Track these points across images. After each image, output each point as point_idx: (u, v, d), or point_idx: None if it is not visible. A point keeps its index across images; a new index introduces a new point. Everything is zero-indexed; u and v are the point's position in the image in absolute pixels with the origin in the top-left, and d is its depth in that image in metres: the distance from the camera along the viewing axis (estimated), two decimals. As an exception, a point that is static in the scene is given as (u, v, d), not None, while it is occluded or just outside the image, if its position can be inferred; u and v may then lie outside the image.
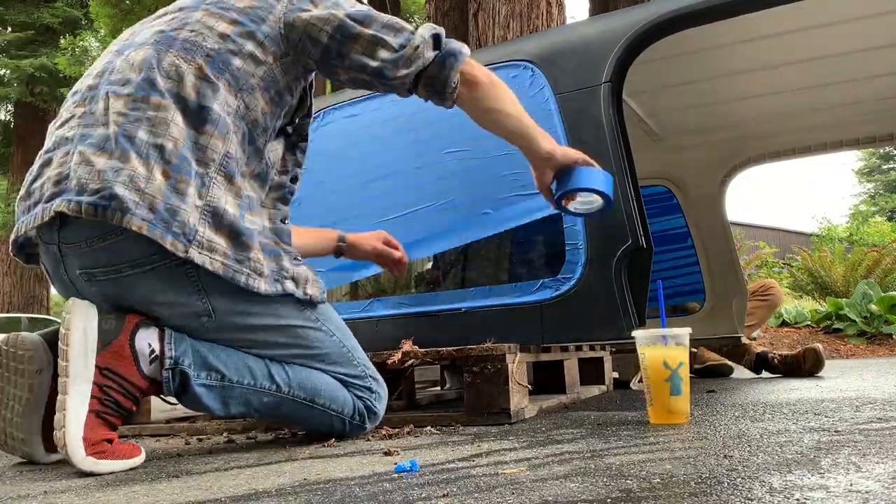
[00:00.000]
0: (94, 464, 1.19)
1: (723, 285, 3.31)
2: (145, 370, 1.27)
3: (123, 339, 1.26)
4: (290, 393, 1.40)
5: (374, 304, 2.10)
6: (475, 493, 0.85)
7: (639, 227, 1.77)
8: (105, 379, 1.23)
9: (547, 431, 1.44)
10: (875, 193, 27.27)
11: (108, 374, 1.24)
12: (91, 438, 1.19)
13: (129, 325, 1.28)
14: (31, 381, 1.29)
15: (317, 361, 1.43)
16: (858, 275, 7.86)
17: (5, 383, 1.32)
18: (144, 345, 1.27)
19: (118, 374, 1.25)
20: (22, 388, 1.30)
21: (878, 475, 0.83)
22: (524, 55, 2.05)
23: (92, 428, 1.20)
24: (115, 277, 1.27)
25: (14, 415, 1.31)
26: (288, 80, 1.44)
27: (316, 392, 1.41)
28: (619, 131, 1.84)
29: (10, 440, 1.34)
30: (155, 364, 1.29)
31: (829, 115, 2.97)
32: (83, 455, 1.18)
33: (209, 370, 1.32)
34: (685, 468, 0.94)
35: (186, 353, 1.30)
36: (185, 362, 1.30)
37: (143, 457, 1.29)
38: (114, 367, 1.24)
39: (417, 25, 1.49)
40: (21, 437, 1.32)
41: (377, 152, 2.23)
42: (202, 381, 1.32)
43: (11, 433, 1.33)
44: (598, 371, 2.55)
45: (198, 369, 1.31)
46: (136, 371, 1.26)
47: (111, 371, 1.24)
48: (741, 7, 1.84)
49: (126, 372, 1.25)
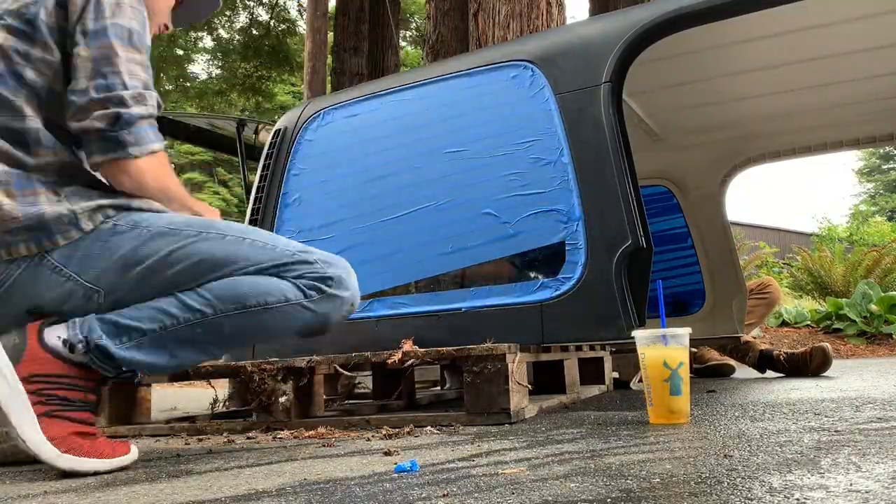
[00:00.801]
0: (74, 461, 1.18)
1: (723, 285, 3.31)
2: (74, 359, 1.25)
3: (32, 343, 1.24)
4: (217, 311, 1.31)
5: (374, 303, 2.10)
6: (475, 493, 0.85)
7: (639, 227, 1.77)
8: (34, 384, 1.21)
9: (547, 431, 1.44)
10: (875, 193, 27.27)
11: (35, 379, 1.21)
12: (56, 436, 1.18)
13: (33, 329, 1.26)
14: None
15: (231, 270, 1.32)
16: (858, 275, 7.86)
17: None
18: (54, 338, 1.25)
19: (44, 375, 1.22)
20: None
21: (878, 475, 0.83)
22: (524, 55, 2.05)
23: (50, 427, 1.19)
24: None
25: None
26: None
27: (242, 296, 1.31)
28: (619, 131, 1.84)
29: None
30: (76, 350, 1.26)
31: (829, 115, 2.97)
32: (57, 452, 1.17)
33: (126, 332, 1.27)
34: (685, 468, 0.94)
35: (93, 328, 1.26)
36: (96, 336, 1.26)
37: (132, 455, 1.27)
38: (36, 370, 1.22)
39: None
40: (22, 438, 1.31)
41: (377, 152, 2.23)
42: (125, 345, 1.27)
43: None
44: (598, 371, 2.55)
45: (113, 337, 1.27)
46: (60, 364, 1.24)
47: (35, 375, 1.22)
48: (741, 7, 1.84)
49: (51, 369, 1.23)
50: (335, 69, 8.50)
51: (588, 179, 1.85)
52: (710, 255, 3.37)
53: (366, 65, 8.48)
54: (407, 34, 16.56)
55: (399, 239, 2.10)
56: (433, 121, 2.16)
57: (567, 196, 1.87)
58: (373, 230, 2.15)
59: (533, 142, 1.96)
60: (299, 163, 2.34)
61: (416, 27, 16.13)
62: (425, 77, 2.25)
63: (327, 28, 8.16)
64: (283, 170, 2.36)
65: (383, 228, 2.14)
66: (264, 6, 12.20)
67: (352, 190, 2.24)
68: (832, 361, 2.94)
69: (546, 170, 1.92)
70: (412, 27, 16.33)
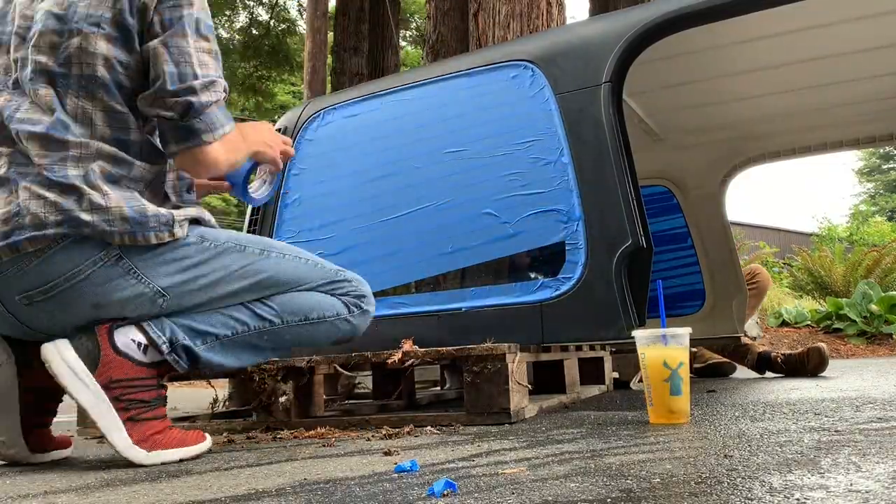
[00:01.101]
0: (161, 454, 1.28)
1: (723, 285, 3.31)
2: (145, 361, 1.31)
3: (106, 349, 1.28)
4: (284, 322, 1.44)
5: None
6: (475, 493, 0.85)
7: (639, 227, 1.77)
8: (114, 390, 1.27)
9: (547, 431, 1.44)
10: (875, 193, 27.27)
11: (114, 385, 1.27)
12: (141, 438, 1.27)
13: (104, 334, 1.30)
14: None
15: (291, 286, 1.46)
16: (858, 275, 7.86)
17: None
18: (128, 342, 1.30)
19: (121, 380, 1.28)
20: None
21: (878, 475, 0.83)
22: (524, 55, 2.05)
23: (134, 430, 1.27)
24: (54, 294, 1.28)
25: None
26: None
27: (305, 309, 1.46)
28: (619, 131, 1.84)
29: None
30: (149, 351, 1.32)
31: (829, 115, 2.97)
32: (144, 453, 1.27)
33: (203, 335, 1.36)
34: (685, 468, 0.95)
35: (175, 330, 1.34)
36: (180, 338, 1.33)
37: (209, 442, 1.39)
38: (113, 376, 1.28)
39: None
40: (2, 440, 1.33)
41: (377, 152, 2.23)
42: (203, 346, 1.36)
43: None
44: (598, 371, 2.55)
45: (193, 338, 1.35)
46: (136, 367, 1.30)
47: (114, 381, 1.27)
48: (741, 7, 1.84)
49: (127, 373, 1.28)
50: (335, 69, 8.50)
51: (588, 179, 1.85)
52: (710, 255, 3.37)
53: (366, 65, 8.47)
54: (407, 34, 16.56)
55: (399, 239, 2.11)
56: (433, 121, 2.16)
57: (567, 196, 1.87)
58: (373, 230, 2.15)
59: (533, 142, 1.96)
60: (299, 163, 2.34)
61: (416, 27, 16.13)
62: (425, 77, 2.25)
63: (327, 28, 8.16)
64: (283, 170, 2.35)
65: (383, 228, 2.14)
66: (264, 6, 12.19)
67: (352, 190, 2.24)
68: (828, 362, 2.96)
69: (546, 170, 1.92)
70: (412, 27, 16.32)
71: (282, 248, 1.49)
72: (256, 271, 1.42)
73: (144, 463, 1.26)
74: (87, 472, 1.24)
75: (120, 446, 1.25)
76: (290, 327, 1.46)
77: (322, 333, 1.51)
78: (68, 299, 1.29)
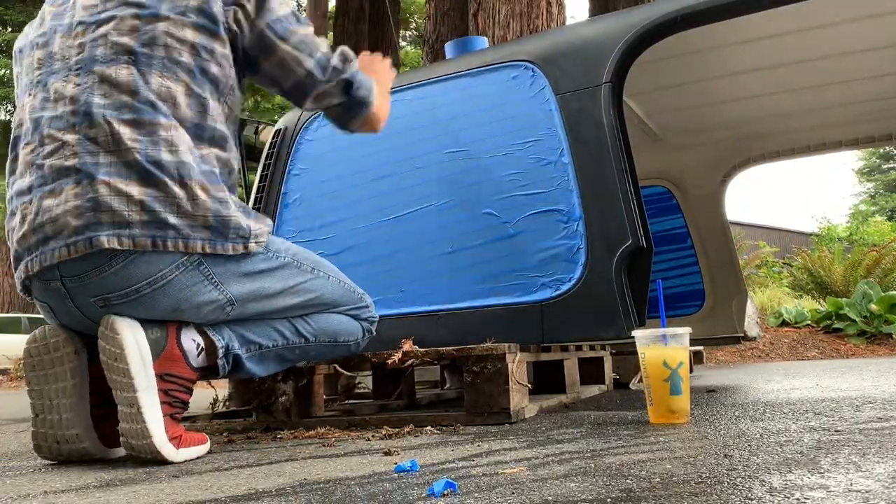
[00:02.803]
0: (186, 452, 1.31)
1: (722, 285, 3.31)
2: (195, 364, 1.35)
3: (171, 343, 1.32)
4: (316, 340, 1.55)
5: (373, 303, 2.10)
6: (475, 493, 0.85)
7: (639, 227, 1.77)
8: (166, 383, 1.30)
9: (547, 431, 1.44)
10: (875, 193, 27.25)
11: (168, 378, 1.30)
12: (174, 436, 1.29)
13: (173, 329, 1.33)
14: (71, 364, 1.32)
15: (329, 307, 1.56)
16: (858, 274, 7.87)
17: (45, 383, 1.32)
18: (190, 343, 1.35)
19: (176, 376, 1.31)
20: (63, 376, 1.31)
21: (878, 475, 0.84)
22: (525, 55, 2.05)
23: (171, 428, 1.29)
24: (136, 298, 1.29)
25: (63, 412, 1.31)
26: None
27: (337, 332, 1.59)
28: (620, 131, 1.84)
29: (63, 444, 1.32)
30: (202, 356, 1.37)
31: (829, 115, 2.97)
32: (175, 450, 1.28)
33: (249, 344, 1.44)
34: (685, 468, 0.95)
35: (231, 338, 1.41)
36: (234, 346, 1.41)
37: (208, 444, 1.40)
38: (170, 370, 1.30)
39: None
40: (76, 434, 1.32)
41: (377, 152, 2.23)
42: (247, 355, 1.44)
43: (64, 434, 1.32)
44: (598, 371, 2.55)
45: (242, 347, 1.43)
46: (188, 368, 1.34)
47: (170, 375, 1.30)
48: (741, 8, 1.84)
49: (181, 371, 1.33)
50: (335, 69, 8.49)
51: (588, 179, 1.85)
52: (709, 255, 3.37)
53: (366, 65, 8.46)
54: (407, 34, 16.55)
55: (399, 239, 2.11)
56: (433, 121, 2.16)
57: (567, 196, 1.87)
58: (373, 230, 2.15)
59: (533, 142, 1.96)
60: (299, 163, 2.34)
61: (416, 27, 16.12)
62: (425, 77, 2.25)
63: (327, 28, 8.16)
64: (283, 170, 2.36)
65: (383, 228, 2.14)
66: (264, 6, 12.16)
67: (352, 190, 2.24)
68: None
69: (546, 170, 1.92)
70: (412, 27, 16.32)
71: (327, 268, 1.57)
72: (308, 290, 1.50)
73: (175, 460, 1.28)
74: (87, 472, 1.24)
75: (158, 440, 1.25)
76: (319, 346, 1.56)
77: (339, 352, 1.64)
78: (149, 303, 1.30)
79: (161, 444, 1.25)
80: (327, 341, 1.57)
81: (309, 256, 1.55)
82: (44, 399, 1.33)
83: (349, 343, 1.63)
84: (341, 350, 1.64)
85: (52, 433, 1.32)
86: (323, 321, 1.56)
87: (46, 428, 1.33)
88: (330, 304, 1.56)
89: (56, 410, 1.32)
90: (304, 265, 1.50)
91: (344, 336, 1.61)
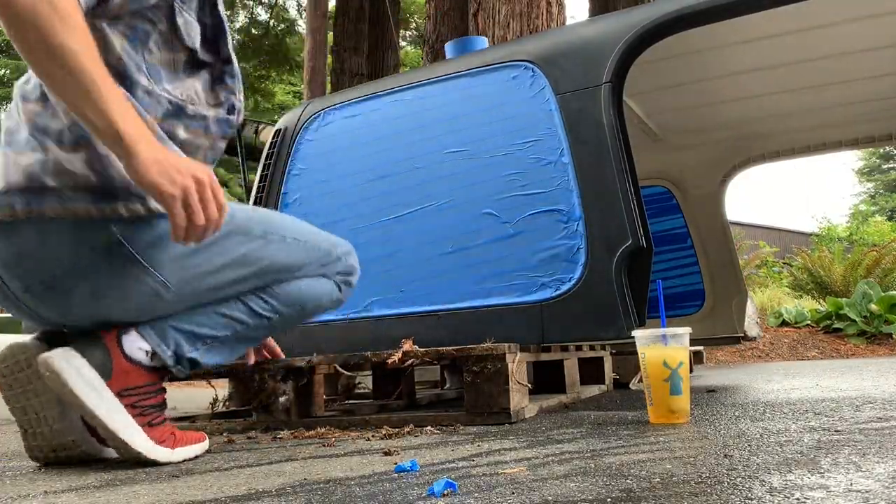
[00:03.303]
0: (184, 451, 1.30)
1: (722, 285, 3.31)
2: (151, 364, 1.30)
3: (118, 359, 1.25)
4: (280, 314, 1.42)
5: (374, 303, 2.10)
6: (475, 493, 0.85)
7: (639, 226, 1.77)
8: (129, 398, 1.26)
9: (547, 431, 1.44)
10: (875, 193, 27.24)
11: (129, 393, 1.26)
12: (162, 438, 1.27)
13: (112, 343, 1.25)
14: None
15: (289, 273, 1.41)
16: (858, 274, 7.86)
17: (26, 399, 1.28)
18: (135, 350, 1.27)
19: (135, 388, 1.27)
20: (44, 389, 1.25)
21: (878, 475, 0.84)
22: (525, 55, 2.05)
23: (155, 433, 1.27)
24: (53, 286, 1.20)
25: (53, 423, 1.28)
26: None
27: (303, 301, 1.45)
28: (620, 131, 1.84)
29: (61, 451, 1.31)
30: (156, 357, 1.30)
31: (829, 115, 2.97)
32: (169, 451, 1.27)
33: (200, 340, 1.34)
34: (685, 468, 0.95)
35: (178, 341, 1.31)
36: (184, 349, 1.31)
37: (207, 443, 1.39)
38: (127, 385, 1.26)
39: None
40: (71, 440, 1.29)
41: (377, 152, 2.23)
42: (200, 350, 1.34)
43: (60, 443, 1.29)
44: (598, 371, 2.55)
45: (192, 346, 1.33)
46: (145, 374, 1.29)
47: (128, 390, 1.26)
48: (741, 8, 1.84)
49: (139, 381, 1.27)
50: (335, 69, 8.50)
51: (588, 179, 1.85)
52: (709, 255, 3.37)
53: (366, 64, 8.47)
54: (407, 34, 16.55)
55: (399, 239, 2.11)
56: (433, 121, 2.16)
57: (567, 196, 1.87)
58: (373, 230, 2.16)
59: (533, 142, 1.96)
60: (299, 163, 2.34)
61: (416, 27, 16.12)
62: (425, 77, 2.25)
63: (327, 27, 8.16)
64: (283, 170, 2.36)
65: (383, 228, 2.14)
66: (264, 6, 12.19)
67: (352, 190, 2.24)
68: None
69: (546, 170, 1.92)
70: (412, 27, 16.32)
71: (281, 228, 1.40)
72: (259, 258, 1.35)
73: (172, 459, 1.27)
74: (87, 472, 1.24)
75: (145, 449, 1.24)
76: (285, 318, 1.44)
77: (311, 315, 1.51)
78: (69, 291, 1.20)
79: (151, 451, 1.24)
80: (292, 313, 1.44)
81: (258, 217, 1.38)
82: (29, 415, 1.29)
83: (321, 306, 1.50)
84: (315, 311, 1.50)
85: (47, 444, 1.30)
86: (283, 294, 1.41)
87: (39, 441, 1.30)
88: (288, 270, 1.40)
89: (45, 423, 1.28)
90: (251, 231, 1.34)
91: (313, 302, 1.47)
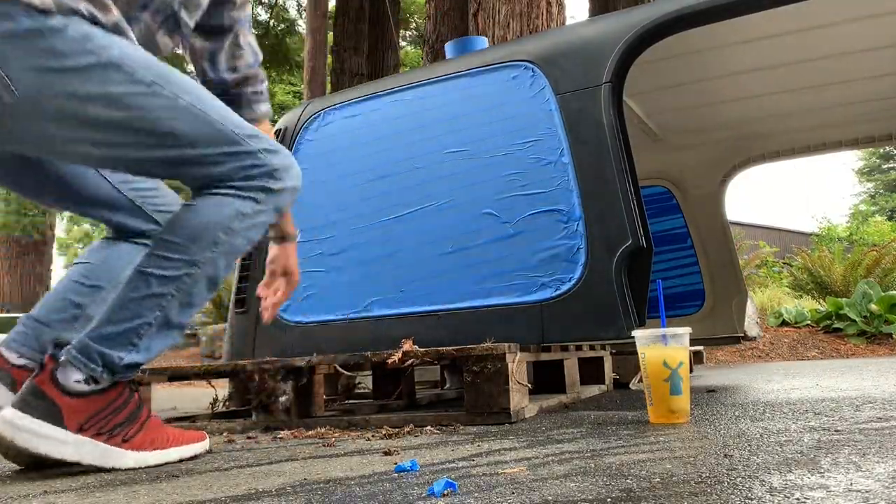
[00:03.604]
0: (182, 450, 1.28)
1: (722, 285, 3.31)
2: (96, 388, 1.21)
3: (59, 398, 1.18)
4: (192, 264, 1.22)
5: (373, 303, 2.10)
6: (475, 493, 0.85)
7: (639, 226, 1.77)
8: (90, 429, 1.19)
9: (547, 431, 1.44)
10: (875, 193, 27.24)
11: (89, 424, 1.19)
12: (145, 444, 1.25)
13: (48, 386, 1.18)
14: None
15: (175, 144, 1.17)
16: (858, 274, 7.86)
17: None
18: (72, 383, 1.19)
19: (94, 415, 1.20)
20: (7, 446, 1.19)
21: (878, 474, 0.83)
22: (525, 55, 2.05)
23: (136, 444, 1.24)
24: None
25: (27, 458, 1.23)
26: None
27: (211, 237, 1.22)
28: (620, 131, 1.84)
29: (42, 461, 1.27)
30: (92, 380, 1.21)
31: (829, 115, 2.97)
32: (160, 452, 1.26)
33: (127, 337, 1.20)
34: (685, 468, 0.95)
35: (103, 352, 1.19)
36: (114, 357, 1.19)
37: (206, 443, 1.37)
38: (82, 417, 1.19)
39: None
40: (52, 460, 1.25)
41: (377, 152, 2.23)
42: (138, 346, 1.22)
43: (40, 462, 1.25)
44: (598, 371, 2.55)
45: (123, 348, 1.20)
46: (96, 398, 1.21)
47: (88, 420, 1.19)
48: (741, 8, 1.84)
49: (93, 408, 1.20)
50: (335, 69, 8.51)
51: (588, 179, 1.85)
52: (709, 255, 3.37)
53: (366, 64, 8.48)
54: (407, 34, 16.55)
55: (399, 239, 2.11)
56: (433, 121, 2.16)
57: (567, 196, 1.87)
58: (373, 230, 2.16)
59: (533, 142, 1.96)
60: (299, 163, 2.33)
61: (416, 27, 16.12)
62: (425, 77, 2.25)
63: (327, 27, 8.16)
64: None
65: (383, 228, 2.14)
66: (264, 6, 12.19)
67: (352, 190, 2.24)
68: None
69: (546, 170, 1.92)
70: (412, 27, 16.32)
71: (180, 88, 1.18)
72: (139, 106, 1.12)
73: (169, 459, 1.26)
74: (87, 472, 1.24)
75: (137, 461, 1.23)
76: (203, 265, 1.22)
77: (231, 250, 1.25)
78: None
79: (142, 461, 1.23)
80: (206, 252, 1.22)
81: (155, 67, 1.16)
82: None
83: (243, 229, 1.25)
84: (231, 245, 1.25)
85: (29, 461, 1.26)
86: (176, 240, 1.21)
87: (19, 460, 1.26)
88: (174, 141, 1.16)
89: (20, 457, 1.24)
90: (136, 73, 1.12)
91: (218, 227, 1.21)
